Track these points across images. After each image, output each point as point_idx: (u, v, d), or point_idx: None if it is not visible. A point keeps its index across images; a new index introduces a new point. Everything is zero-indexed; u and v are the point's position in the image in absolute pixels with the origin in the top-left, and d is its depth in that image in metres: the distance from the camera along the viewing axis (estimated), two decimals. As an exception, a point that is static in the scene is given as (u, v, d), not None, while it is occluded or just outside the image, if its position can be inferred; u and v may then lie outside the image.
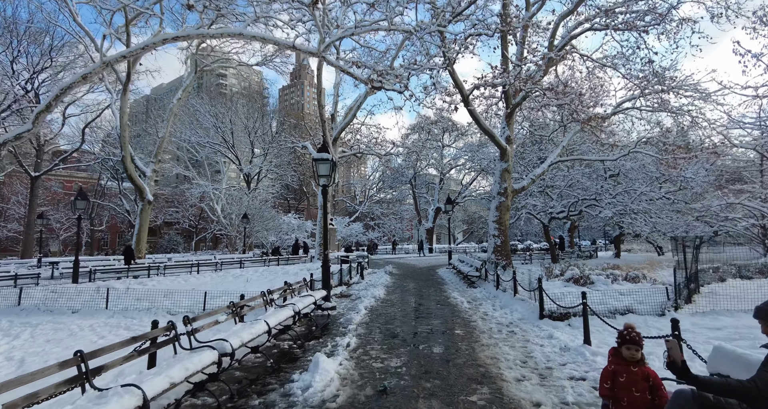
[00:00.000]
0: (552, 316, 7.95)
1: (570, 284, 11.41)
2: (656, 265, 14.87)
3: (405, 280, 17.22)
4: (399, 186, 58.94)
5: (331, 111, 24.07)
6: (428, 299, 11.76)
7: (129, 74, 23.27)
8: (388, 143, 27.19)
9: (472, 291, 13.21)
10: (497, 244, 16.47)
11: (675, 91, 16.88)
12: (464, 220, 62.72)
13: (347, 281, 15.92)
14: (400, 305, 10.72)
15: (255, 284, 13.98)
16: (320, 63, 20.86)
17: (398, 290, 13.94)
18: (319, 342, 6.83)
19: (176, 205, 54.25)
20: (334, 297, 12.24)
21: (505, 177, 16.81)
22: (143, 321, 8.41)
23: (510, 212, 17.42)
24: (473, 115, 15.68)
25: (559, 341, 6.39)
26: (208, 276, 17.08)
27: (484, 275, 14.64)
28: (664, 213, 21.12)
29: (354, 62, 11.24)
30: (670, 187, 21.49)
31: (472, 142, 50.26)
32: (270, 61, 32.10)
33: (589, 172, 24.68)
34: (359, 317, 8.77)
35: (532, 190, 23.26)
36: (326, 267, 10.11)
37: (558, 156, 18.36)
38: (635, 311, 7.83)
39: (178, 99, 28.01)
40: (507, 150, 16.71)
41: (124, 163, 23.91)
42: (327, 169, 10.11)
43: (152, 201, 25.46)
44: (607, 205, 20.38)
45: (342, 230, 47.27)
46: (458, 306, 10.38)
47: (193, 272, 19.31)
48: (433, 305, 10.69)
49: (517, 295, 10.18)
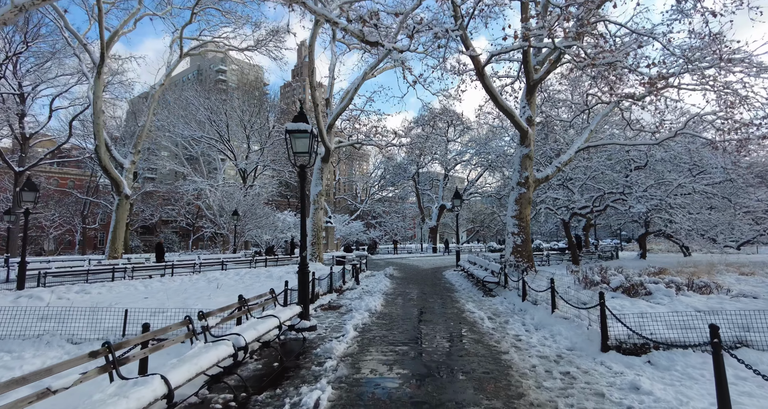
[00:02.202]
0: (622, 347, 5.47)
1: (619, 294, 8.91)
2: (711, 268, 12.34)
3: (407, 285, 14.77)
4: (401, 182, 56.52)
5: (326, 95, 21.61)
6: (437, 313, 9.29)
7: (103, 55, 20.91)
8: (389, 133, 24.69)
9: (491, 301, 10.73)
10: (517, 243, 13.96)
11: (727, 64, 14.29)
12: (468, 218, 60.21)
13: (339, 286, 13.48)
14: (401, 322, 8.25)
15: (226, 291, 11.57)
16: (313, 36, 18.39)
17: (399, 298, 11.48)
18: (273, 397, 4.38)
19: (173, 202, 52.28)
20: (319, 310, 9.80)
21: (526, 164, 14.29)
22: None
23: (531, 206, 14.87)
24: (489, 90, 13.17)
25: (658, 401, 3.91)
26: (178, 280, 14.68)
27: (503, 280, 12.15)
28: (703, 209, 18.54)
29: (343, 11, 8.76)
30: (707, 179, 18.88)
31: (478, 136, 47.75)
32: (263, 46, 29.77)
33: (611, 163, 22.13)
34: (344, 344, 6.32)
35: (551, 183, 20.72)
36: (303, 274, 7.65)
37: (585, 141, 15.82)
38: (750, 343, 5.30)
39: (161, 85, 25.64)
40: (528, 132, 14.19)
41: (97, 153, 21.56)
42: (305, 145, 7.66)
43: (130, 195, 23.11)
44: (639, 199, 17.81)
45: (341, 228, 44.88)
46: (477, 324, 7.90)
47: (166, 275, 16.95)
48: (443, 322, 8.21)
49: (556, 311, 7.70)
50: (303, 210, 7.88)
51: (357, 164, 76.99)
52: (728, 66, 14.34)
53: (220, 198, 37.75)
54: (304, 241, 7.82)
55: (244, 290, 11.81)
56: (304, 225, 7.84)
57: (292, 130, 7.60)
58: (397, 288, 13.85)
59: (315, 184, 20.44)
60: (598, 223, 39.47)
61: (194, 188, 41.89)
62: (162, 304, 8.82)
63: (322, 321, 8.39)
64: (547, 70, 14.21)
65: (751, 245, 25.54)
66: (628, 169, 21.01)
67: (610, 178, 20.66)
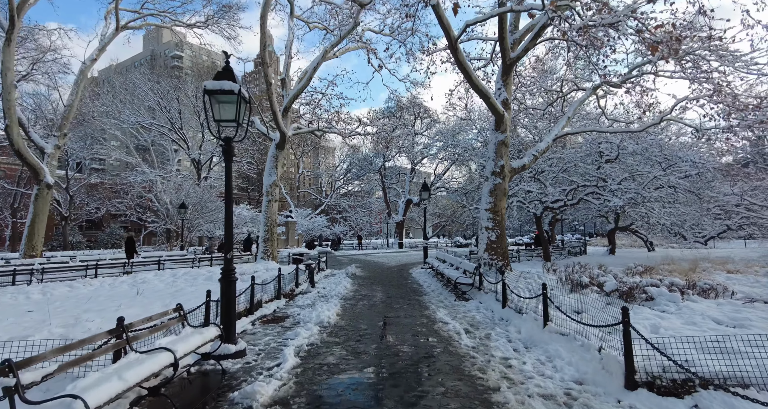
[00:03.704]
0: (655, 384, 4.00)
1: (614, 299, 7.61)
2: (694, 266, 11.46)
3: (371, 286, 13.09)
4: (367, 175, 54.85)
5: (282, 75, 19.44)
6: (403, 324, 7.65)
7: (12, 19, 17.75)
8: (353, 121, 22.81)
9: (465, 307, 9.22)
10: (491, 239, 12.55)
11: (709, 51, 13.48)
12: (434, 213, 59.44)
13: (291, 290, 11.59)
14: (359, 340, 6.55)
15: (148, 298, 9.43)
16: (266, 4, 16.19)
17: (360, 304, 9.77)
18: None
19: (122, 195, 48.20)
20: (258, 323, 7.92)
21: (502, 152, 12.90)
22: None
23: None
24: (462, 67, 11.62)
25: None
26: (97, 284, 12.28)
27: (478, 281, 10.71)
28: (676, 203, 17.98)
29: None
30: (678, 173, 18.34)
31: (446, 129, 46.70)
32: (214, 23, 27.13)
33: (581, 156, 21.34)
34: (275, 382, 4.53)
35: (523, 176, 19.62)
36: (228, 283, 5.76)
37: (562, 128, 14.66)
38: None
39: (92, 59, 22.49)
40: (504, 116, 12.78)
41: (8, 134, 18.41)
42: (231, 111, 5.74)
43: (52, 185, 20.00)
44: (615, 192, 16.96)
45: (304, 223, 42.63)
46: (453, 341, 6.33)
47: (88, 276, 14.42)
48: (411, 338, 6.58)
49: (549, 324, 6.23)
50: (228, 198, 5.94)
51: (323, 157, 74.51)
52: (709, 54, 13.54)
53: (171, 190, 34.68)
54: (230, 238, 5.92)
55: (172, 296, 9.73)
56: (229, 217, 5.93)
57: (213, 90, 5.65)
58: (359, 290, 12.15)
59: (269, 174, 18.31)
60: (565, 218, 39.40)
61: (143, 179, 38.60)
62: (42, 321, 6.66)
63: (257, 341, 6.55)
64: (525, 47, 12.84)
65: (711, 239, 25.72)
66: (599, 162, 20.25)
67: (583, 170, 19.80)
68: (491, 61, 16.70)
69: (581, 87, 16.47)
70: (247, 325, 7.64)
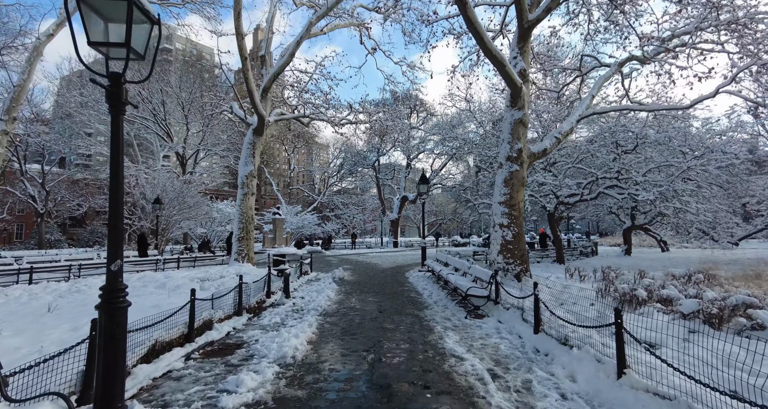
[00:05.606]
0: None
1: (698, 325, 5.39)
2: (760, 271, 9.30)
3: (360, 295, 10.81)
4: (361, 170, 52.58)
5: (262, 52, 17.07)
6: (401, 361, 5.35)
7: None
8: (344, 107, 20.47)
9: (482, 329, 6.96)
10: (506, 238, 10.28)
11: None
12: (431, 211, 57.29)
13: (260, 301, 9.27)
14: (333, 397, 4.25)
15: (64, 316, 7.11)
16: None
17: (342, 324, 7.47)
18: None
19: (105, 192, 45.68)
20: (197, 355, 5.60)
21: (519, 133, 10.63)
22: None
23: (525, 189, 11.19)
24: (472, 26, 9.31)
25: None
26: (18, 292, 9.92)
27: (494, 292, 8.45)
28: (709, 198, 15.85)
29: None
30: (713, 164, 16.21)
31: (443, 122, 44.46)
32: (192, 2, 24.71)
33: (597, 146, 19.17)
34: None
35: (534, 167, 17.41)
36: (110, 313, 3.47)
37: (587, 107, 12.42)
38: None
39: (48, 34, 19.93)
40: (522, 90, 10.50)
41: (-57, 116, 15.89)
42: (120, 31, 3.40)
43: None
44: (641, 185, 14.77)
45: (293, 220, 40.21)
46: (476, 397, 4.07)
47: (20, 283, 12.05)
48: (410, 391, 4.30)
49: (629, 372, 3.99)
50: (116, 186, 3.62)
51: (315, 153, 72.09)
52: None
53: (150, 186, 32.20)
54: (118, 241, 3.61)
55: (95, 312, 7.39)
56: (115, 214, 3.62)
57: None
58: (345, 302, 9.85)
59: (245, 163, 15.95)
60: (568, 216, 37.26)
61: (127, 175, 36.19)
62: None
63: (175, 398, 4.23)
64: (547, 6, 10.58)
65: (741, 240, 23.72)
66: (616, 153, 18.08)
67: (601, 161, 17.62)
68: (501, 33, 14.46)
69: (604, 63, 14.25)
70: (178, 361, 5.31)
